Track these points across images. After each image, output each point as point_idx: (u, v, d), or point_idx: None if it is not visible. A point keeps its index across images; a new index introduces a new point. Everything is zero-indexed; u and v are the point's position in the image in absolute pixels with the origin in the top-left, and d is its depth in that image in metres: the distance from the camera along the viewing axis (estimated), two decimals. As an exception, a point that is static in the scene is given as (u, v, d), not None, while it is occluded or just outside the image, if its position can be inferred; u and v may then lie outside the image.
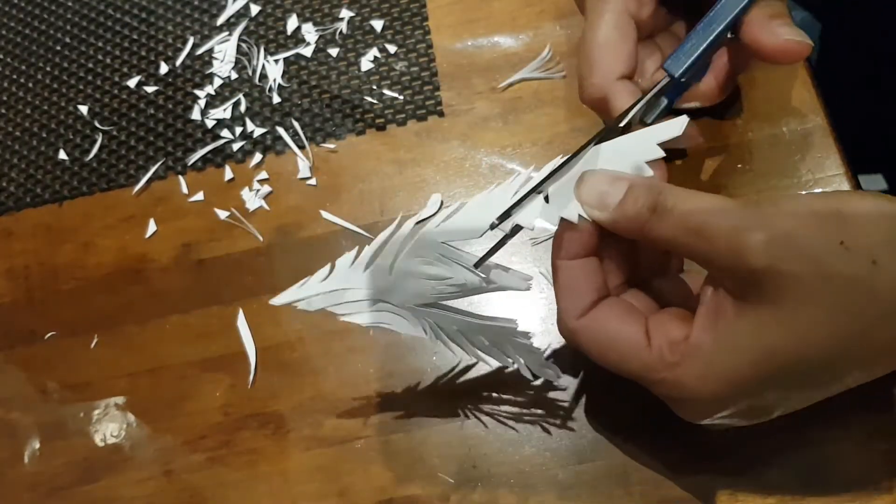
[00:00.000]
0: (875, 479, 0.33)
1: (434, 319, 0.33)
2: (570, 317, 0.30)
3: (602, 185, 0.30)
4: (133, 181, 0.46)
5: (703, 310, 0.29)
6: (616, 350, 0.30)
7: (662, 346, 0.29)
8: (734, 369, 0.27)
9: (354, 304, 0.34)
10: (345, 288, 0.34)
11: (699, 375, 0.28)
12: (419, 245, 0.32)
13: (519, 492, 0.35)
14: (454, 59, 0.45)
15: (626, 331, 0.30)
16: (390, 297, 0.33)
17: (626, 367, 0.30)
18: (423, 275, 0.32)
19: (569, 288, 0.31)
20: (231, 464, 0.38)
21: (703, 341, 0.28)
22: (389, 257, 0.33)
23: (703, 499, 0.34)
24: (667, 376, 0.29)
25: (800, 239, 0.26)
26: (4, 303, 0.44)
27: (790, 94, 0.40)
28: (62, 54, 0.51)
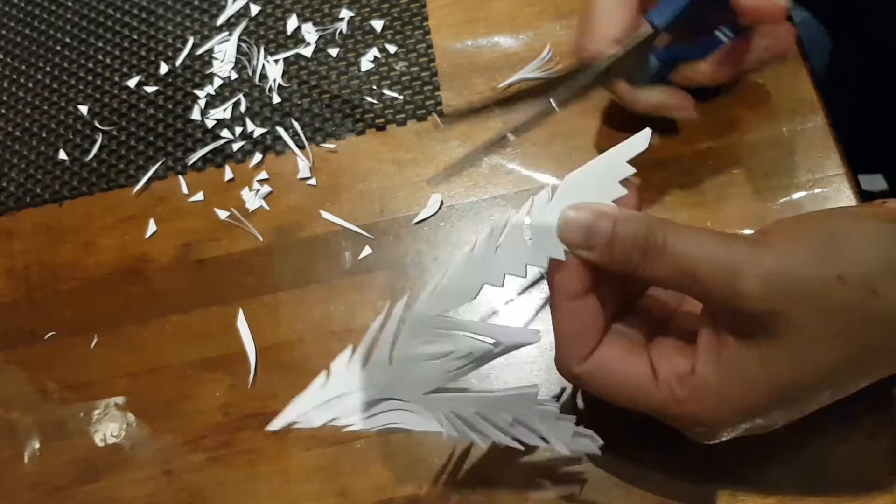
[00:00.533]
0: (875, 479, 0.33)
1: (448, 406, 0.31)
2: (574, 362, 0.29)
3: (585, 222, 0.28)
4: (133, 181, 0.46)
5: (704, 342, 0.28)
6: (625, 392, 0.29)
7: (671, 382, 0.28)
8: (746, 400, 0.27)
9: (358, 409, 0.31)
10: (345, 393, 0.31)
11: (712, 408, 0.28)
12: (414, 326, 0.30)
13: (519, 492, 0.35)
14: (454, 59, 0.45)
15: (632, 371, 0.29)
16: (396, 392, 0.31)
17: (636, 404, 0.29)
18: (425, 356, 0.30)
19: (570, 332, 0.29)
20: (231, 464, 0.38)
21: (709, 375, 0.28)
22: (386, 348, 0.31)
23: (703, 499, 0.34)
24: (677, 411, 0.29)
25: (796, 279, 0.26)
26: (4, 303, 0.44)
27: (790, 94, 0.40)
28: (62, 54, 0.51)
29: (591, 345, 0.29)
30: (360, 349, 0.31)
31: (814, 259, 0.26)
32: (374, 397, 0.31)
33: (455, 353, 0.30)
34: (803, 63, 0.41)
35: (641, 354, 0.29)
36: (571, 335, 0.29)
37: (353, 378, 0.31)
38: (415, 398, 0.31)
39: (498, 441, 0.31)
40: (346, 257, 0.41)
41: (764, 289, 0.26)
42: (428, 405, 0.31)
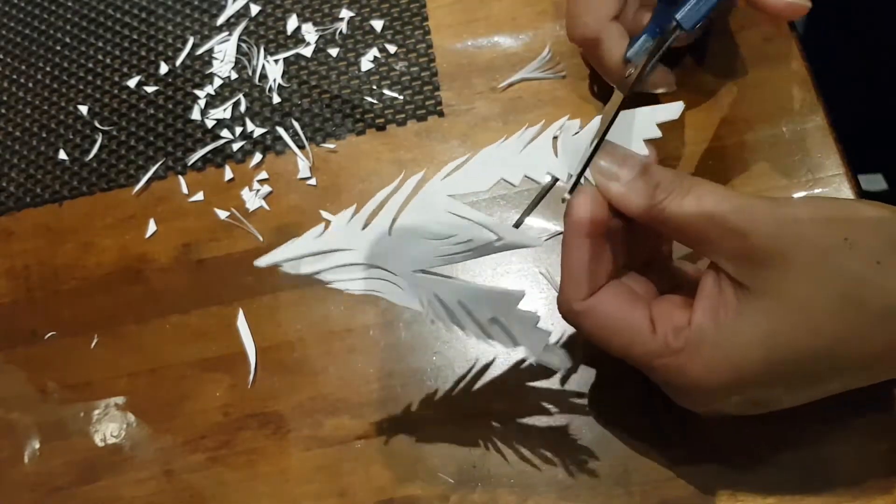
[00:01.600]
0: (875, 479, 0.33)
1: (433, 289, 0.30)
2: (575, 298, 0.30)
3: (616, 159, 0.30)
4: (133, 181, 0.46)
5: (703, 295, 0.29)
6: (620, 335, 0.29)
7: (667, 332, 0.28)
8: (740, 354, 0.27)
9: (346, 269, 0.30)
10: (338, 249, 0.30)
11: (703, 362, 0.28)
12: (423, 200, 0.30)
13: (519, 492, 0.35)
14: (454, 59, 0.45)
15: (631, 316, 0.29)
16: (387, 262, 0.30)
17: (629, 352, 0.29)
18: (425, 234, 0.30)
19: (579, 268, 0.30)
20: (231, 464, 0.38)
21: (705, 327, 0.28)
22: (389, 216, 0.30)
23: (703, 499, 0.34)
24: (670, 362, 0.28)
25: (807, 228, 0.26)
26: (4, 303, 0.44)
27: (790, 94, 0.40)
28: (62, 54, 0.51)
29: (594, 284, 0.30)
30: (364, 211, 0.31)
31: (826, 219, 0.27)
32: (365, 261, 0.30)
33: (456, 237, 0.29)
34: (803, 63, 0.41)
35: (642, 305, 0.30)
36: (578, 272, 0.30)
37: (350, 237, 0.30)
38: (404, 273, 0.30)
39: (472, 334, 0.31)
40: (346, 257, 0.41)
41: (776, 228, 0.26)
42: (414, 283, 0.30)
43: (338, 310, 0.40)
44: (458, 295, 0.30)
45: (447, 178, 0.30)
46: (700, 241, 0.28)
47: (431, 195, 0.30)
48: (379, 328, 0.40)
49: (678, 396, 0.31)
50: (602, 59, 0.36)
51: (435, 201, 0.30)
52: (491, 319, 0.31)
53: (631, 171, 0.30)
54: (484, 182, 0.30)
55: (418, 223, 0.30)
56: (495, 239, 0.29)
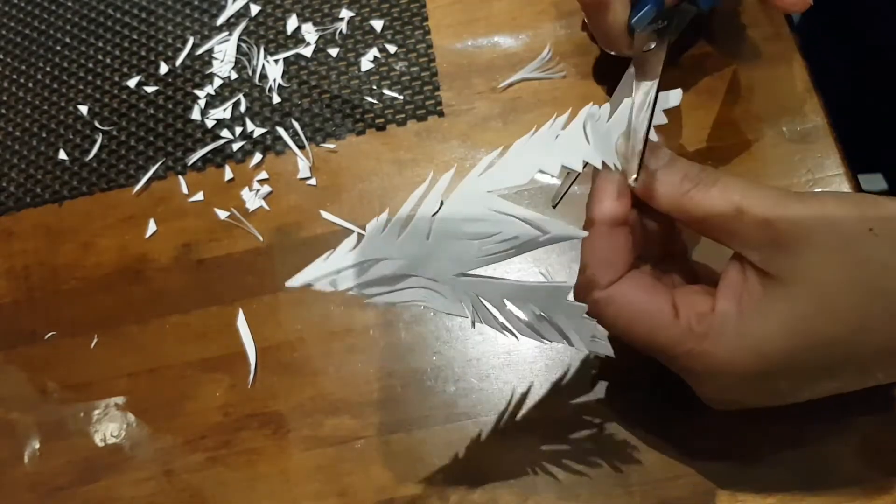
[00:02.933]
0: (875, 479, 0.33)
1: (477, 291, 0.29)
2: (598, 286, 0.30)
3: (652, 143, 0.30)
4: (133, 181, 0.46)
5: (727, 282, 0.29)
6: (643, 322, 0.29)
7: (690, 318, 0.28)
8: (764, 341, 0.27)
9: (385, 280, 0.29)
10: (375, 260, 0.28)
11: (728, 347, 0.28)
12: (460, 199, 0.28)
13: (519, 492, 0.35)
14: (454, 59, 0.45)
15: (653, 302, 0.29)
16: (426, 267, 0.28)
17: (652, 338, 0.29)
18: (466, 234, 0.28)
19: (604, 256, 0.30)
20: (231, 464, 0.38)
21: (729, 313, 0.28)
22: (426, 219, 0.28)
23: (703, 499, 0.34)
24: (694, 347, 0.28)
25: (833, 217, 0.26)
26: (4, 303, 0.44)
27: (790, 94, 0.40)
28: (62, 54, 0.51)
29: (617, 272, 0.30)
30: (398, 216, 0.28)
31: (850, 209, 0.27)
32: (403, 270, 0.28)
33: (499, 235, 0.28)
34: (803, 63, 0.41)
35: (664, 292, 0.30)
36: (600, 259, 0.30)
37: (387, 246, 0.28)
38: (445, 278, 0.29)
39: (521, 334, 0.30)
40: (346, 257, 0.41)
41: (803, 214, 0.26)
42: (457, 287, 0.29)
43: (338, 310, 0.40)
44: (504, 294, 0.29)
45: (484, 174, 0.29)
46: (726, 231, 0.28)
47: (470, 193, 0.28)
48: (379, 328, 0.40)
49: (699, 384, 0.30)
50: (607, 24, 0.36)
51: (474, 199, 0.28)
52: (539, 316, 0.30)
53: (658, 161, 0.30)
54: (522, 175, 0.29)
55: (457, 223, 0.28)
56: (540, 234, 0.28)
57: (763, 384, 0.29)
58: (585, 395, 0.36)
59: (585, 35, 0.44)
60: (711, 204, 0.28)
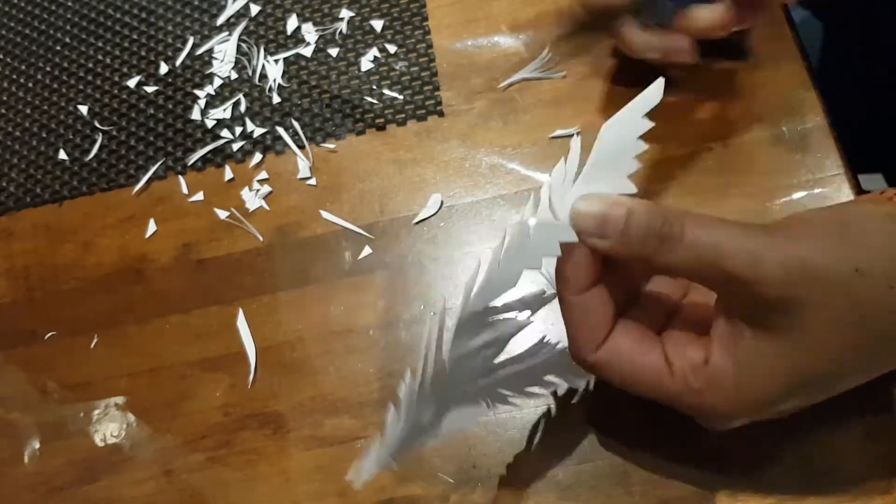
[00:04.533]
0: (875, 479, 0.33)
1: (488, 395, 0.32)
2: (588, 351, 0.30)
3: (598, 211, 0.28)
4: (133, 181, 0.46)
5: (718, 332, 0.28)
6: (640, 381, 0.29)
7: (686, 372, 0.28)
8: (764, 391, 0.27)
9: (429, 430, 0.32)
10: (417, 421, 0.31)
11: (728, 399, 0.28)
12: (463, 325, 0.30)
13: (519, 492, 0.35)
14: (454, 59, 0.45)
15: (646, 360, 0.29)
16: (452, 395, 0.31)
17: (652, 394, 0.29)
18: (475, 349, 0.30)
19: (583, 321, 0.29)
20: (231, 464, 0.38)
21: (725, 366, 0.28)
22: (442, 359, 0.31)
23: (703, 499, 0.34)
24: (693, 402, 0.29)
25: (816, 267, 0.26)
26: (4, 303, 0.44)
27: (790, 94, 0.40)
28: (62, 54, 0.51)
29: (601, 334, 0.29)
30: (419, 372, 0.31)
31: (833, 251, 0.26)
32: (441, 412, 0.31)
33: (500, 336, 0.30)
34: (803, 63, 0.41)
35: (655, 345, 0.29)
36: (581, 326, 0.30)
37: (422, 402, 0.31)
38: (469, 391, 0.31)
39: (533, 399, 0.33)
40: (346, 257, 0.41)
41: (786, 274, 0.26)
42: (477, 393, 0.31)
43: (338, 310, 0.40)
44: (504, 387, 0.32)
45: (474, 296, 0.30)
46: (705, 283, 0.28)
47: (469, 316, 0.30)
48: (379, 328, 0.40)
49: (702, 422, 0.31)
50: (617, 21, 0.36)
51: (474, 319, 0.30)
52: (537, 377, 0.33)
53: (615, 227, 0.28)
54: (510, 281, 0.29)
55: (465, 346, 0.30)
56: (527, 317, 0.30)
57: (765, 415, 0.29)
58: (585, 395, 0.36)
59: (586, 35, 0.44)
60: (683, 264, 0.27)
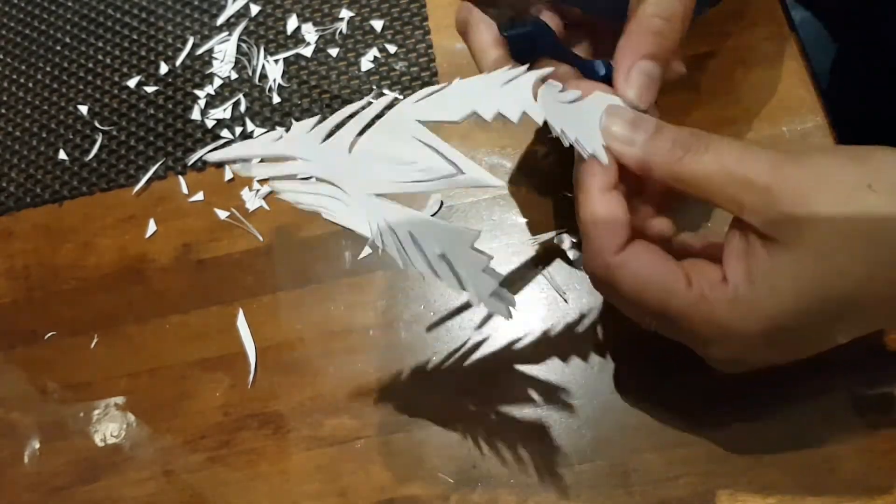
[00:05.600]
0: (875, 479, 0.33)
1: (385, 215, 0.28)
2: (608, 252, 0.29)
3: (630, 121, 0.29)
4: (133, 181, 0.46)
5: (732, 251, 0.28)
6: (656, 287, 0.29)
7: (703, 286, 0.28)
8: (776, 306, 0.27)
9: (298, 181, 0.29)
10: (295, 157, 0.29)
11: (741, 315, 0.28)
12: (390, 122, 0.28)
13: (519, 492, 0.35)
14: (454, 59, 0.45)
15: (666, 268, 0.29)
16: (343, 181, 0.28)
17: (666, 305, 0.29)
18: (387, 157, 0.28)
19: (606, 221, 0.29)
20: (231, 464, 0.38)
21: (740, 281, 0.28)
22: (352, 133, 0.29)
23: (703, 499, 0.34)
24: (707, 316, 0.28)
25: (831, 179, 0.26)
26: (4, 303, 0.44)
27: (790, 94, 0.40)
28: (62, 54, 0.51)
29: (624, 235, 0.29)
30: (327, 123, 0.29)
31: (848, 167, 0.27)
32: (318, 175, 0.29)
33: (417, 164, 0.28)
34: (803, 63, 0.41)
35: (674, 260, 0.29)
36: (605, 224, 0.29)
37: (308, 147, 0.29)
38: (357, 195, 0.28)
39: (417, 269, 0.29)
40: (346, 257, 0.41)
41: (801, 181, 0.26)
42: (369, 207, 0.28)
43: (338, 310, 0.40)
44: (410, 226, 0.28)
45: (419, 102, 0.29)
46: (723, 197, 0.28)
47: (400, 117, 0.28)
48: (379, 328, 0.40)
49: (708, 348, 0.30)
50: None
51: (403, 124, 0.28)
52: (440, 256, 0.28)
53: (646, 132, 0.29)
54: (457, 112, 0.28)
55: (381, 145, 0.28)
56: (455, 172, 0.27)
57: (773, 345, 0.29)
58: (585, 396, 0.36)
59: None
60: (705, 171, 0.28)
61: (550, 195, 0.41)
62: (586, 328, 0.38)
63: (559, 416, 0.36)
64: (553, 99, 0.29)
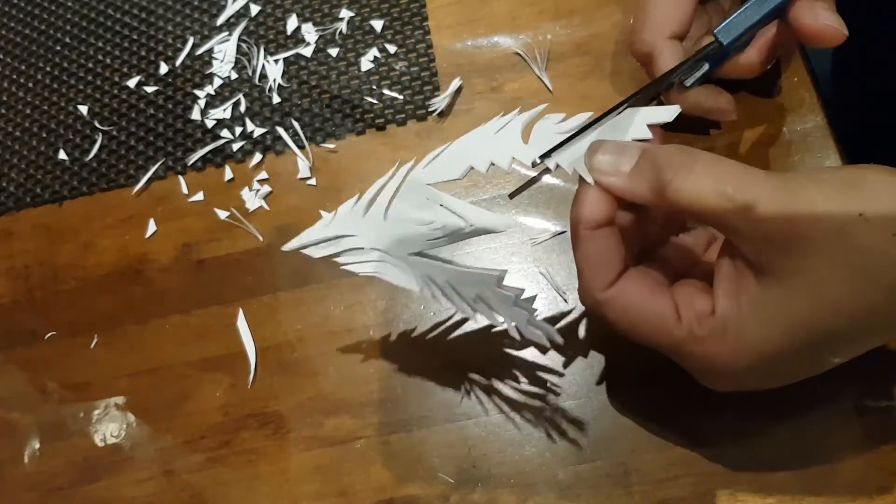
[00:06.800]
0: (875, 480, 0.33)
1: (425, 270, 0.32)
2: (597, 289, 0.30)
3: (613, 152, 0.30)
4: (133, 181, 0.46)
5: (722, 282, 0.28)
6: (645, 323, 0.29)
7: (692, 320, 0.28)
8: (765, 341, 0.27)
9: (354, 253, 0.33)
10: (345, 235, 0.33)
11: (729, 349, 0.28)
12: (408, 188, 0.32)
13: (519, 492, 0.35)
14: (454, 59, 0.45)
15: (656, 304, 0.29)
16: (386, 245, 0.33)
17: (656, 340, 0.29)
18: (412, 220, 0.32)
19: (595, 258, 0.30)
20: (231, 464, 0.38)
21: (729, 315, 0.28)
22: (384, 203, 0.32)
23: (703, 499, 0.34)
24: (696, 350, 0.29)
25: (822, 208, 0.26)
26: (4, 303, 0.44)
27: (790, 94, 0.40)
28: (62, 54, 0.51)
29: (614, 272, 0.30)
30: (364, 199, 0.33)
31: (838, 195, 0.26)
32: (367, 245, 0.33)
33: (435, 223, 0.31)
34: (803, 63, 0.41)
35: (664, 292, 0.30)
36: (594, 262, 0.30)
37: (354, 223, 0.33)
38: (401, 256, 0.32)
39: (461, 311, 0.33)
40: (346, 257, 0.42)
41: (793, 214, 0.26)
42: (411, 265, 0.32)
43: (338, 310, 0.40)
44: (447, 276, 0.32)
45: (427, 166, 0.32)
46: (714, 220, 0.28)
47: (414, 183, 0.32)
48: (379, 328, 0.40)
49: (702, 377, 0.31)
50: (654, 76, 0.36)
51: (418, 189, 0.32)
52: (475, 298, 0.32)
53: (630, 159, 0.29)
54: (456, 170, 0.31)
55: (406, 210, 0.32)
56: (465, 225, 0.30)
57: (763, 376, 0.29)
58: (585, 396, 0.36)
59: (585, 35, 0.44)
60: (694, 194, 0.27)
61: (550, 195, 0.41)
62: (586, 328, 0.38)
63: (559, 416, 0.36)
64: (553, 131, 0.31)
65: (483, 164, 0.31)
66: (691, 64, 0.35)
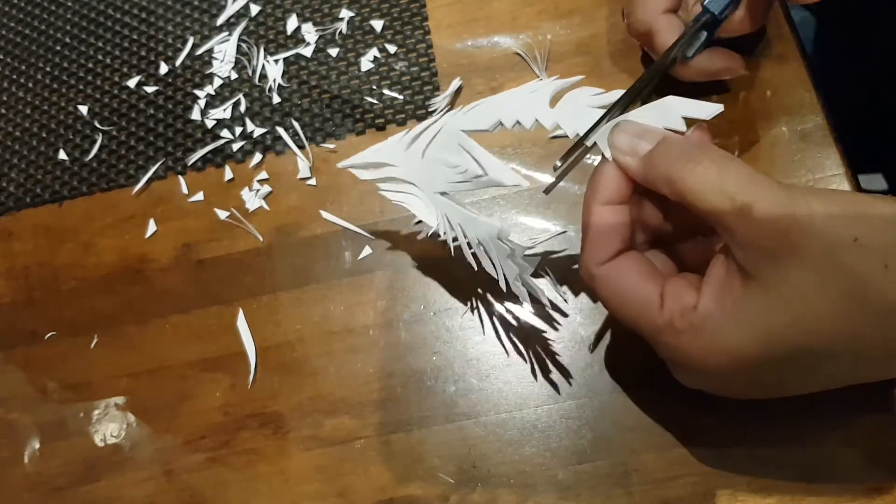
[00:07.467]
0: (875, 479, 0.33)
1: (444, 209, 0.34)
2: (593, 262, 0.30)
3: (635, 133, 0.30)
4: (133, 181, 0.46)
5: (711, 280, 0.29)
6: (630, 305, 0.30)
7: (674, 312, 0.29)
8: (737, 345, 0.27)
9: (392, 182, 0.36)
10: (388, 164, 0.36)
11: (703, 346, 0.28)
12: (445, 132, 0.34)
13: (519, 492, 0.35)
14: (454, 59, 0.45)
15: (642, 288, 0.30)
16: (419, 180, 0.35)
17: (636, 323, 0.30)
18: (444, 162, 0.34)
19: (597, 233, 0.30)
20: (231, 464, 0.38)
21: (710, 313, 0.28)
22: (424, 143, 0.35)
23: (703, 499, 0.34)
24: (671, 342, 0.29)
25: (819, 224, 0.26)
26: (4, 303, 0.44)
27: (790, 94, 0.40)
28: (62, 54, 0.51)
29: (612, 250, 0.30)
30: (409, 135, 0.35)
31: (837, 216, 0.26)
32: (402, 176, 0.36)
33: (460, 167, 0.33)
34: (803, 63, 0.41)
35: (656, 279, 0.30)
36: (598, 236, 0.30)
37: (397, 154, 0.36)
38: (428, 192, 0.35)
39: (464, 252, 0.34)
40: (346, 257, 0.42)
41: (791, 225, 0.26)
42: (436, 202, 0.35)
43: (338, 310, 0.40)
44: (460, 218, 0.34)
45: (464, 115, 0.34)
46: (713, 217, 0.28)
47: (450, 128, 0.34)
48: (379, 328, 0.40)
49: (678, 373, 0.31)
50: (657, 52, 0.37)
51: (452, 134, 0.34)
52: (478, 243, 0.34)
53: (649, 144, 0.30)
54: (486, 122, 0.33)
55: (440, 151, 0.34)
56: (482, 173, 0.32)
57: (733, 383, 0.29)
58: (585, 396, 0.36)
59: (585, 35, 0.44)
60: (699, 187, 0.27)
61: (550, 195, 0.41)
62: (586, 328, 0.38)
63: (559, 416, 0.36)
64: (584, 103, 0.32)
65: (510, 120, 0.33)
66: (690, 36, 0.36)
